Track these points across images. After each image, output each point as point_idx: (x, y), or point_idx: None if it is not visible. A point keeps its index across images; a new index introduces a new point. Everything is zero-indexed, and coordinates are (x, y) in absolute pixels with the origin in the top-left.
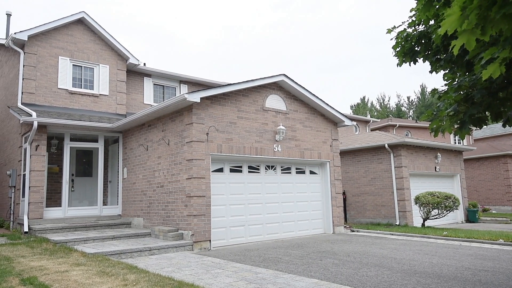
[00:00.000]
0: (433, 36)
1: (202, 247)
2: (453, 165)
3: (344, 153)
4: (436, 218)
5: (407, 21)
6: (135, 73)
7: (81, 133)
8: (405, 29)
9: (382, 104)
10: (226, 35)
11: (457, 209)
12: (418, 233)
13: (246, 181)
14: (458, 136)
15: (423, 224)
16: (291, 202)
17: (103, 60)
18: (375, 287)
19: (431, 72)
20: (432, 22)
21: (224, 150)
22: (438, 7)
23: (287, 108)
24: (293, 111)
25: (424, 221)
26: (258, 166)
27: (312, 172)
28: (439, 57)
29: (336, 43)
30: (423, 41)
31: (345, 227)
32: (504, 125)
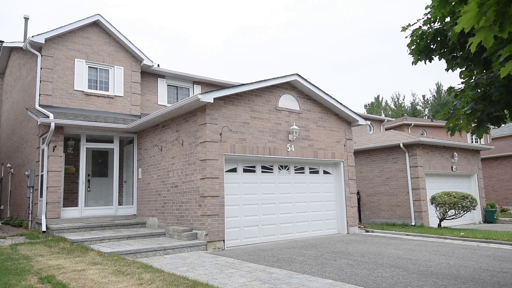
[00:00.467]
0: (449, 34)
1: (216, 247)
2: (470, 164)
3: (358, 153)
4: (452, 218)
5: (422, 18)
6: (149, 74)
7: (96, 134)
8: (420, 26)
9: (397, 103)
10: (239, 35)
11: (474, 209)
12: (434, 233)
13: (260, 181)
14: (475, 135)
15: (439, 225)
16: (305, 202)
17: (118, 62)
18: None
19: (447, 70)
20: (448, 19)
21: (238, 150)
22: (454, 4)
23: (300, 107)
24: (306, 110)
25: (440, 221)
26: (272, 166)
27: (326, 172)
28: (455, 54)
29: (350, 41)
30: (438, 38)
31: (359, 227)
32: None
